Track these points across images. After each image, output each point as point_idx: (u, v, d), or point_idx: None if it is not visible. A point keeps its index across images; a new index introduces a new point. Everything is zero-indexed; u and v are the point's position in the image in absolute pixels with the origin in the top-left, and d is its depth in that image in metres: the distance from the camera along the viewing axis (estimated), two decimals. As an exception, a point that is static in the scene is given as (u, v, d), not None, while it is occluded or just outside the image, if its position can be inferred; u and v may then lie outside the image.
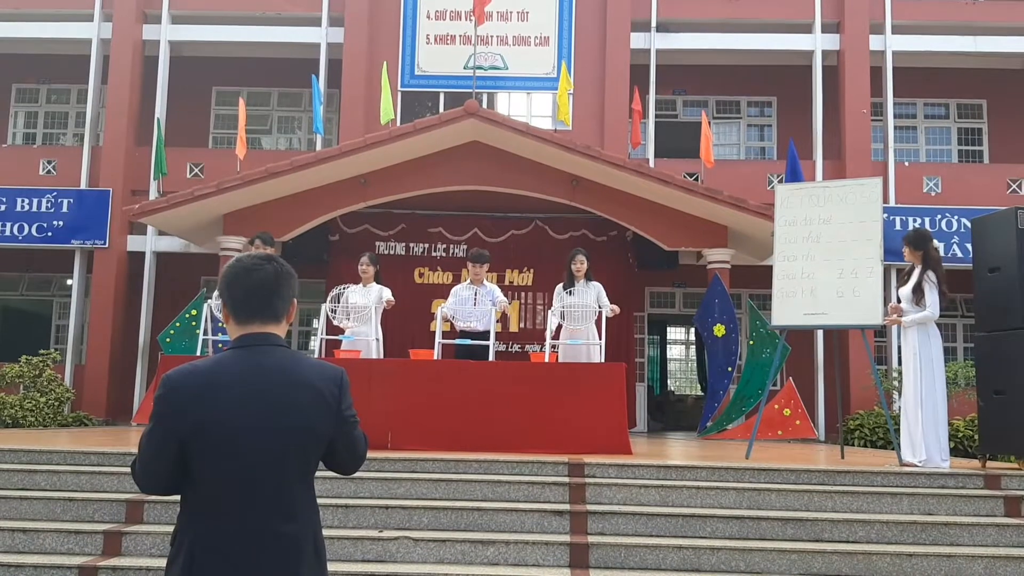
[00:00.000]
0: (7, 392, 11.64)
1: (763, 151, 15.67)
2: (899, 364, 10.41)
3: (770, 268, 7.75)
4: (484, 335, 8.36)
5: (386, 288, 8.68)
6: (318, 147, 13.34)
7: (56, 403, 11.57)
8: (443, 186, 11.68)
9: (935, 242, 7.10)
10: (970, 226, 7.36)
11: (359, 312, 8.46)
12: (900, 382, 8.23)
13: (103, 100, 14.38)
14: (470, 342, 8.33)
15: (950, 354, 13.57)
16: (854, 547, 5.39)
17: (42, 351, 12.16)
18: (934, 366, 6.69)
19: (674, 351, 19.52)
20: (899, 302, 6.91)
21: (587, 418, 7.21)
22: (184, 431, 2.09)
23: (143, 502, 5.67)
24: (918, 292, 6.72)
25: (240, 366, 2.16)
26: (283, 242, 11.79)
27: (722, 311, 11.27)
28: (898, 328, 7.29)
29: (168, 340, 11.43)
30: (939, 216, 13.21)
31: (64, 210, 13.55)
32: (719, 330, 11.20)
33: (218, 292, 2.37)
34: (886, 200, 12.90)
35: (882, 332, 13.03)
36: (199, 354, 9.15)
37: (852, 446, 10.69)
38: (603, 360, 8.20)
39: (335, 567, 4.73)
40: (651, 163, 13.27)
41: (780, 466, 6.27)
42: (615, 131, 13.61)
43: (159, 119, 13.57)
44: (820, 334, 12.92)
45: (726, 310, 11.28)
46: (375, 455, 6.08)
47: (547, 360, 8.13)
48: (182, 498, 2.16)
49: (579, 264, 8.55)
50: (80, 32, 14.25)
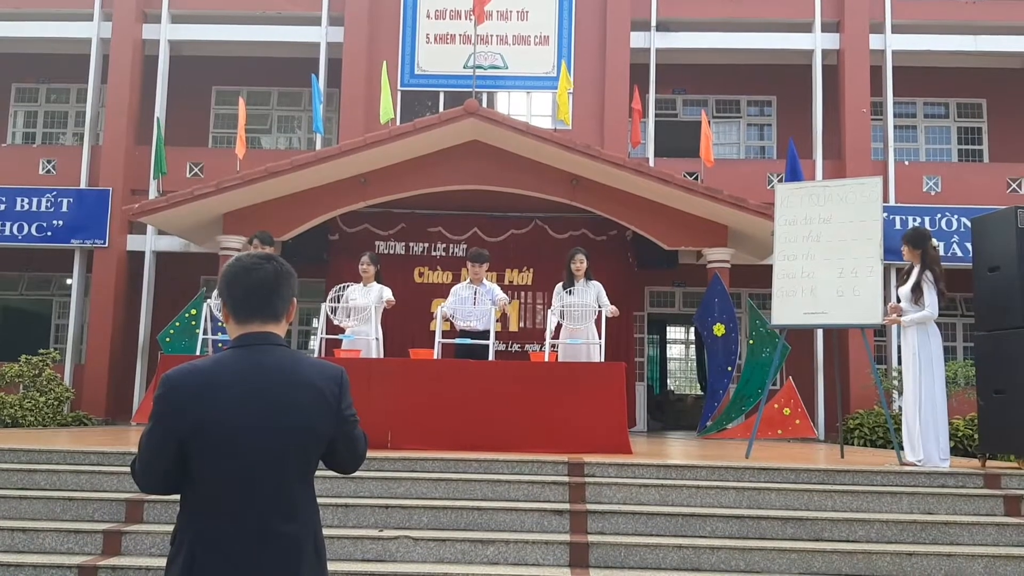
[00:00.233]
0: (7, 391, 11.64)
1: (763, 150, 15.67)
2: (899, 363, 10.41)
3: (770, 267, 7.75)
4: (484, 334, 8.36)
5: (387, 288, 8.67)
6: (318, 146, 13.33)
7: (56, 403, 11.57)
8: (443, 185, 11.68)
9: (934, 241, 7.10)
10: (970, 225, 7.36)
11: (359, 311, 8.46)
12: (900, 381, 8.24)
13: (103, 99, 14.37)
14: (470, 341, 8.32)
15: (950, 353, 13.57)
16: (854, 546, 5.39)
17: (42, 351, 12.17)
18: (934, 365, 6.69)
19: (674, 350, 19.53)
20: (898, 302, 6.92)
21: (587, 417, 7.20)
22: (184, 430, 2.08)
23: (143, 501, 5.67)
24: (917, 291, 6.73)
25: (240, 365, 2.16)
26: (283, 241, 11.79)
27: (722, 310, 11.27)
28: (898, 327, 7.30)
29: (168, 339, 11.42)
30: (939, 215, 13.21)
31: (64, 209, 13.55)
32: (719, 329, 11.20)
33: (218, 291, 2.37)
34: (886, 199, 12.90)
35: (882, 331, 13.03)
36: (199, 353, 9.14)
37: (852, 445, 10.69)
38: (603, 359, 8.20)
39: (335, 566, 4.72)
40: (651, 162, 13.27)
41: (780, 465, 6.26)
42: (615, 130, 13.61)
43: (159, 118, 13.57)
44: (820, 333, 12.92)
45: (726, 309, 11.28)
46: (375, 454, 6.08)
47: (547, 359, 8.13)
48: (182, 497, 2.16)
49: (579, 263, 8.55)
50: (80, 31, 14.24)
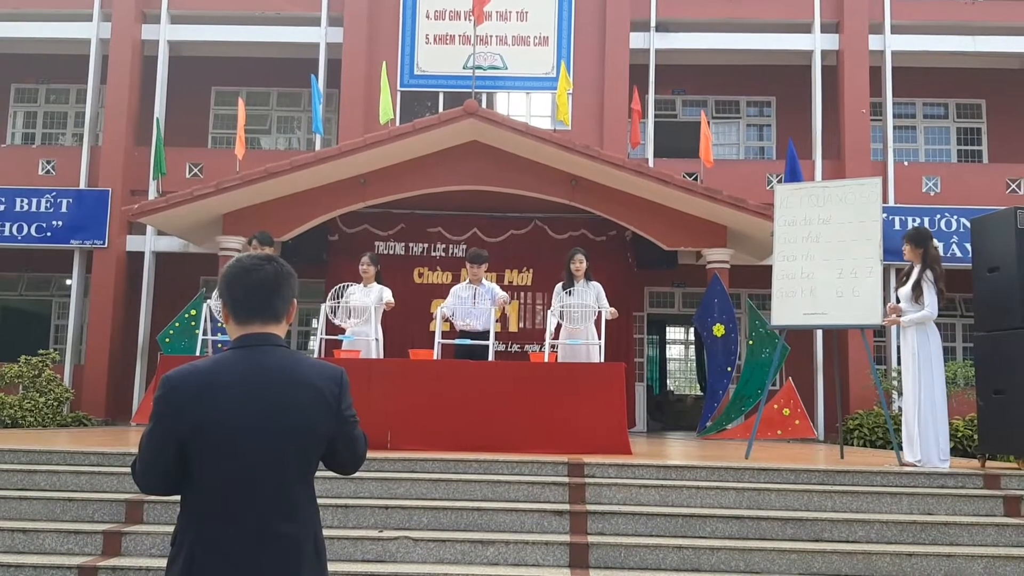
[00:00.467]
0: (6, 392, 11.64)
1: (762, 151, 15.67)
2: (898, 364, 10.42)
3: (769, 268, 7.75)
4: (483, 335, 8.36)
5: (387, 288, 8.66)
6: (317, 147, 13.33)
7: (55, 403, 11.57)
8: (442, 186, 11.68)
9: (935, 241, 7.10)
10: (969, 226, 7.36)
11: (359, 312, 8.45)
12: (899, 382, 8.24)
13: (102, 100, 14.37)
14: (470, 342, 8.32)
15: (949, 354, 13.58)
16: (854, 547, 5.39)
17: (41, 351, 12.16)
18: (933, 366, 6.70)
19: (673, 351, 19.53)
20: (898, 302, 6.92)
21: (587, 418, 7.21)
22: (184, 431, 2.08)
23: (143, 502, 5.67)
24: (917, 290, 6.73)
25: (240, 366, 2.16)
26: (282, 242, 11.79)
27: (721, 311, 11.27)
28: (897, 328, 7.30)
29: (167, 340, 11.42)
30: (938, 216, 13.21)
31: (63, 210, 13.54)
32: (718, 330, 11.20)
33: (218, 292, 2.37)
34: (885, 200, 12.90)
35: (881, 332, 13.03)
36: (198, 354, 9.14)
37: (851, 446, 10.69)
38: (602, 360, 8.20)
39: (335, 567, 4.72)
40: (650, 163, 13.27)
41: (780, 466, 6.27)
42: (614, 131, 13.61)
43: (158, 119, 13.57)
44: (819, 334, 12.92)
45: (725, 310, 11.28)
46: (375, 455, 6.08)
47: (546, 360, 8.13)
48: (182, 498, 2.16)
49: (578, 264, 8.55)
50: (79, 32, 14.24)
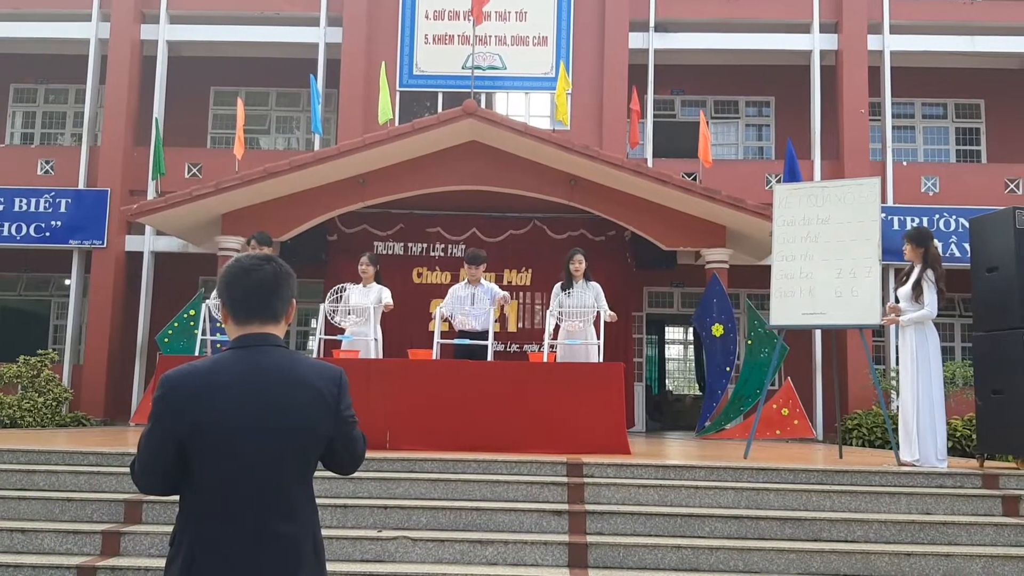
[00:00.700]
0: (5, 392, 11.62)
1: (761, 151, 15.68)
2: (897, 364, 10.42)
3: (768, 268, 7.76)
4: (482, 335, 8.36)
5: (386, 289, 8.65)
6: (316, 147, 13.33)
7: (54, 403, 11.56)
8: (441, 186, 11.67)
9: (936, 241, 7.11)
10: (968, 226, 7.37)
11: (358, 312, 8.45)
12: (898, 382, 8.24)
13: (101, 100, 14.36)
14: (469, 342, 8.32)
15: (948, 353, 13.59)
16: (852, 546, 5.40)
17: (40, 351, 12.14)
18: (931, 366, 6.70)
19: (672, 351, 19.54)
20: (897, 302, 6.92)
21: (585, 418, 7.21)
22: (183, 431, 2.08)
23: (141, 502, 5.67)
24: (917, 290, 6.74)
25: (239, 366, 2.16)
26: (281, 242, 11.78)
27: (720, 311, 11.27)
28: (896, 327, 7.31)
29: (166, 340, 11.42)
30: (937, 216, 13.22)
31: (62, 210, 13.54)
32: (717, 330, 11.20)
33: (217, 292, 2.37)
34: (884, 200, 12.91)
35: (880, 332, 13.03)
36: (197, 354, 9.14)
37: (850, 446, 10.69)
38: (601, 360, 8.20)
39: (334, 567, 4.73)
40: (649, 163, 13.27)
41: (778, 466, 6.27)
42: (613, 131, 13.61)
43: (157, 119, 13.56)
44: (818, 334, 12.93)
45: (724, 310, 11.28)
46: (374, 455, 6.08)
47: (545, 360, 8.13)
48: (181, 498, 2.16)
49: (577, 264, 8.55)
50: (78, 32, 14.22)
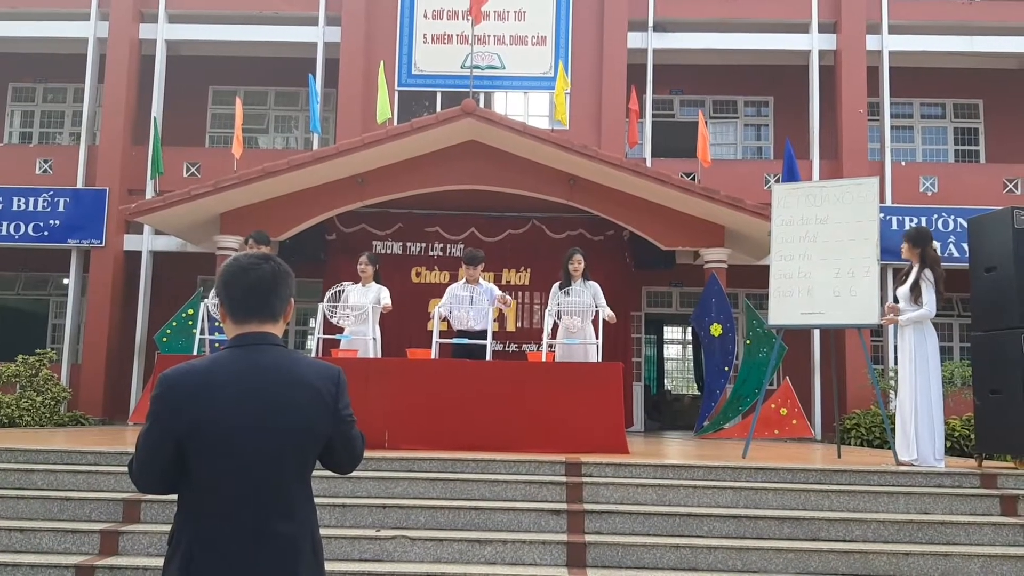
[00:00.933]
0: (3, 391, 11.62)
1: (760, 151, 15.68)
2: (895, 363, 10.42)
3: (767, 268, 7.76)
4: (481, 334, 8.35)
5: (385, 288, 8.63)
6: (315, 146, 13.31)
7: (52, 402, 11.56)
8: (440, 185, 11.67)
9: (935, 243, 7.11)
10: (966, 226, 7.37)
11: (357, 311, 8.44)
12: (896, 381, 8.24)
13: (100, 99, 14.35)
14: (467, 341, 8.31)
15: (947, 353, 13.59)
16: (851, 546, 5.40)
17: (38, 350, 12.15)
18: (930, 365, 6.70)
19: (671, 350, 19.55)
20: (896, 302, 6.93)
21: (584, 417, 7.21)
22: (181, 430, 2.08)
23: (140, 501, 5.66)
24: (915, 290, 6.75)
25: (237, 365, 2.16)
26: (280, 241, 11.78)
27: (719, 310, 11.27)
28: (894, 327, 7.31)
29: (165, 339, 11.40)
30: (935, 216, 13.23)
31: (60, 209, 13.53)
32: (716, 329, 11.20)
33: (215, 291, 2.37)
34: (883, 200, 12.91)
35: (878, 331, 13.04)
36: (196, 353, 9.14)
37: (848, 445, 10.71)
38: (600, 359, 8.20)
39: (332, 566, 4.72)
40: (648, 163, 13.27)
41: (777, 465, 6.27)
42: (612, 131, 13.61)
43: (156, 118, 13.56)
44: (817, 333, 12.94)
45: (723, 309, 11.28)
46: (372, 454, 6.07)
47: (544, 360, 8.13)
48: (179, 497, 2.16)
49: (576, 264, 8.54)
50: (77, 31, 14.21)
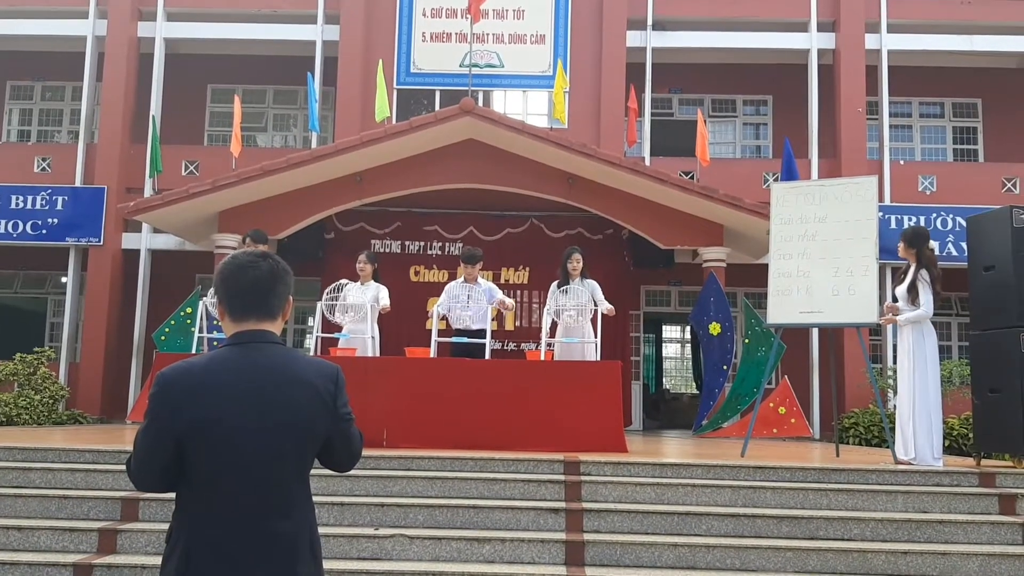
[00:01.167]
0: (1, 390, 11.62)
1: (759, 150, 15.68)
2: (894, 362, 10.43)
3: (766, 266, 7.76)
4: (480, 333, 8.35)
5: (383, 288, 8.62)
6: (313, 145, 13.31)
7: (50, 401, 11.55)
8: (439, 184, 11.66)
9: (932, 242, 7.10)
10: (965, 225, 7.38)
11: (356, 310, 8.44)
12: (895, 380, 8.25)
13: (98, 97, 14.33)
14: (466, 340, 8.30)
15: (945, 352, 13.59)
16: (849, 545, 5.40)
17: (36, 349, 12.14)
18: (928, 364, 6.71)
19: (670, 349, 19.56)
20: (895, 301, 6.93)
21: (583, 416, 7.21)
22: (179, 428, 2.08)
23: (138, 500, 5.66)
24: (912, 291, 6.75)
25: (235, 363, 2.15)
26: (278, 240, 11.77)
27: (718, 309, 11.28)
28: (893, 326, 7.32)
29: (163, 338, 11.39)
30: (934, 215, 13.23)
31: (59, 207, 13.51)
32: (715, 328, 11.21)
33: (214, 289, 2.37)
34: (881, 199, 12.90)
35: (877, 330, 13.05)
36: (194, 352, 9.13)
37: (847, 444, 10.71)
38: (599, 358, 8.20)
39: (331, 565, 4.72)
40: (647, 161, 13.27)
41: (775, 464, 6.27)
42: (611, 129, 13.60)
43: (154, 116, 13.54)
44: (815, 332, 12.94)
45: (722, 308, 11.29)
46: (371, 453, 6.07)
47: (543, 358, 8.13)
48: (177, 496, 2.15)
49: (575, 263, 8.54)
50: (75, 29, 14.19)
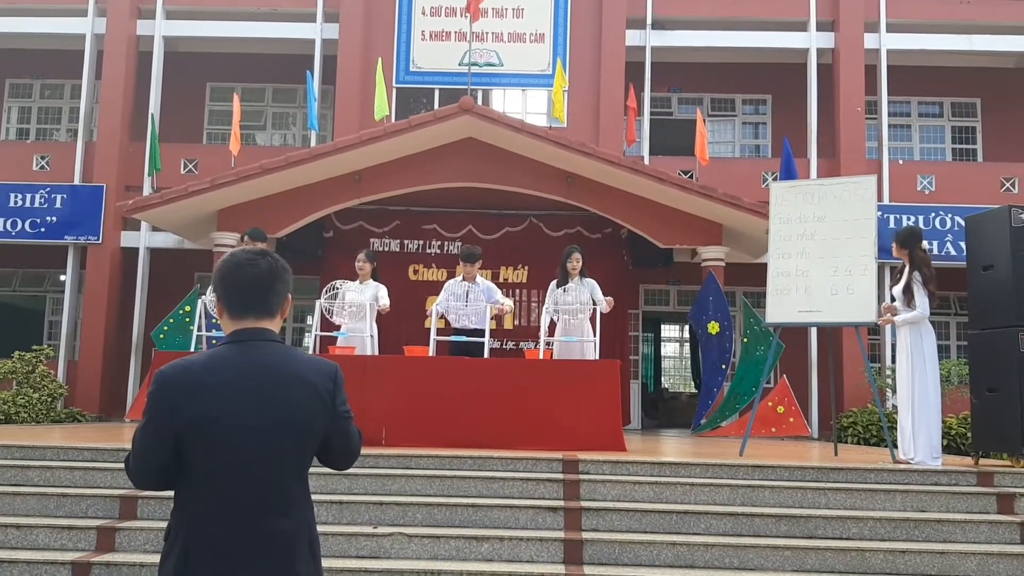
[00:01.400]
0: (0, 388, 11.61)
1: (758, 149, 15.68)
2: (892, 361, 10.44)
3: (764, 266, 7.77)
4: (479, 332, 8.34)
5: (383, 287, 8.61)
6: (312, 143, 13.30)
7: (49, 399, 11.54)
8: (438, 183, 11.66)
9: (924, 243, 7.10)
10: (964, 224, 7.38)
11: (354, 309, 8.43)
12: (893, 379, 8.25)
13: (97, 95, 14.32)
14: (465, 339, 8.30)
15: (943, 352, 13.59)
16: (847, 544, 5.40)
17: (35, 347, 12.13)
18: (927, 364, 6.71)
19: (668, 348, 19.58)
20: (893, 300, 6.94)
21: (581, 415, 7.21)
22: (177, 427, 2.08)
23: (137, 498, 5.65)
24: (908, 292, 6.76)
25: (234, 361, 2.15)
26: (277, 238, 11.77)
27: (716, 309, 11.28)
28: (892, 325, 7.33)
29: (162, 336, 11.39)
30: (933, 214, 13.24)
31: (58, 206, 13.50)
32: (713, 327, 11.21)
33: (212, 287, 2.37)
34: (880, 198, 12.91)
35: (876, 329, 13.05)
36: (193, 350, 9.13)
37: (845, 443, 10.71)
38: (598, 357, 8.20)
39: (329, 563, 4.72)
40: (646, 160, 13.27)
41: (774, 463, 6.28)
42: (610, 128, 13.60)
43: (153, 115, 13.53)
44: (814, 331, 12.95)
45: (720, 308, 11.29)
46: (369, 452, 6.07)
47: (542, 357, 8.13)
48: (176, 494, 2.15)
49: (574, 262, 8.54)
50: (74, 27, 14.18)
